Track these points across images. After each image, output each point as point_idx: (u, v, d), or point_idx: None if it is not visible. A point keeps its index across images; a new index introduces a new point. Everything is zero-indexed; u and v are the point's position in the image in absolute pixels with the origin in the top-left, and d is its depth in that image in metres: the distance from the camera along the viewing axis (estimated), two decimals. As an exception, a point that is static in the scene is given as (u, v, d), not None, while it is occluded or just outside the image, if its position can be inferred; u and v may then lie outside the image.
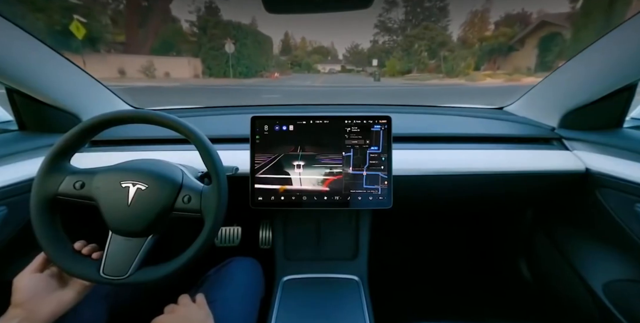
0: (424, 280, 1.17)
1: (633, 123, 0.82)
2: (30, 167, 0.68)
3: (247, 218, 1.03)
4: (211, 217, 0.49)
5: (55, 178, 0.49)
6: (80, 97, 0.83)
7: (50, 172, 0.49)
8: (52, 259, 0.47)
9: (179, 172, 0.54)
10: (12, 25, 0.61)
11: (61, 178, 0.49)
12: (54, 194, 0.48)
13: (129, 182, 0.49)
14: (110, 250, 0.49)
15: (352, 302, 0.76)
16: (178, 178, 0.52)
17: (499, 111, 1.04)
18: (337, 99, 9.70)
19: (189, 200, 0.50)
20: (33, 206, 0.47)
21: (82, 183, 0.49)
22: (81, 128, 0.49)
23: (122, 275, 0.48)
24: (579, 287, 0.77)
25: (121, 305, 0.65)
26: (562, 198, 0.86)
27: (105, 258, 0.48)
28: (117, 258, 0.49)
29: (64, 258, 0.47)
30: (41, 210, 0.47)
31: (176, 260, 0.49)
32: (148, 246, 0.50)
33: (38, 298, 0.45)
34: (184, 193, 0.50)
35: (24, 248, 0.52)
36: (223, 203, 0.50)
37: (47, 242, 0.47)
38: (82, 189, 0.49)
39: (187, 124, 0.50)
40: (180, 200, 0.50)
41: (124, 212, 0.48)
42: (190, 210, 0.50)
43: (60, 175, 0.49)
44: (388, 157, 0.67)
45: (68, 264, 0.47)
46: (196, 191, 0.51)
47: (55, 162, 0.49)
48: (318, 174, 0.68)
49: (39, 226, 0.47)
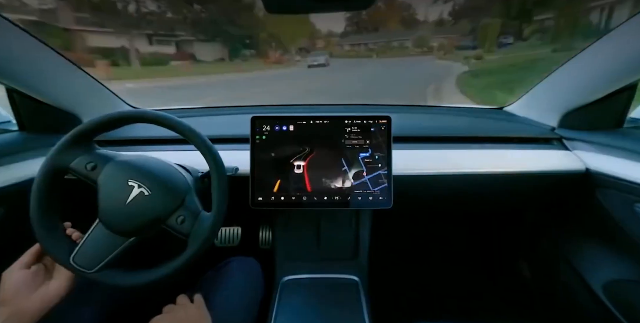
0: (424, 280, 1.17)
1: (633, 123, 0.82)
2: (31, 167, 0.68)
3: (247, 218, 1.03)
4: (195, 246, 0.49)
5: (73, 152, 0.49)
6: (80, 97, 0.83)
7: (70, 145, 0.49)
8: (36, 232, 0.47)
9: (186, 185, 0.53)
10: (12, 25, 0.61)
11: (78, 154, 0.49)
12: (65, 167, 0.48)
13: (136, 182, 0.49)
14: (89, 237, 0.49)
15: (352, 302, 0.76)
16: (182, 194, 0.51)
17: (499, 111, 1.03)
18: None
19: (182, 222, 0.49)
20: (40, 173, 0.47)
21: (94, 165, 0.49)
22: (109, 117, 0.50)
23: (88, 269, 0.47)
24: (579, 287, 0.77)
25: (119, 305, 0.65)
26: (562, 198, 0.86)
27: (81, 245, 0.48)
28: (92, 249, 0.48)
29: (46, 235, 0.47)
30: (46, 179, 0.47)
31: (146, 273, 0.49)
32: (125, 247, 0.49)
33: (24, 294, 0.44)
34: (181, 213, 0.50)
35: (23, 249, 0.52)
36: (214, 231, 0.50)
37: (37, 215, 0.47)
38: (92, 171, 0.49)
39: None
40: (174, 218, 0.49)
41: (119, 209, 0.48)
42: (178, 232, 0.50)
43: (79, 151, 0.49)
44: (388, 157, 0.67)
45: (48, 241, 0.47)
46: (193, 215, 0.50)
47: (79, 138, 0.49)
48: (318, 174, 0.68)
49: (36, 195, 0.47)
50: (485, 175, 0.76)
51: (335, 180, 0.67)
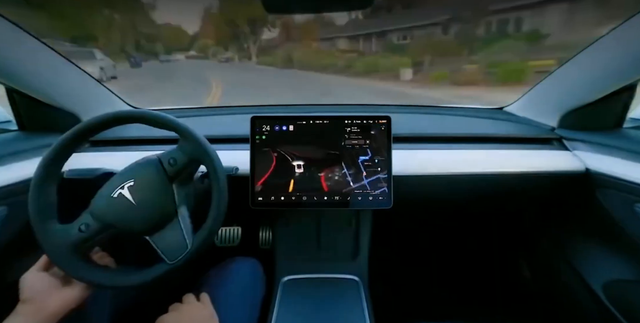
0: (424, 280, 1.17)
1: (633, 123, 0.82)
2: (30, 167, 0.68)
3: (247, 218, 1.03)
4: (210, 160, 0.49)
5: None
6: (80, 97, 0.83)
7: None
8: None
9: (153, 155, 0.53)
10: (12, 25, 0.61)
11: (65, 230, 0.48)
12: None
13: (117, 189, 0.48)
14: (160, 246, 0.48)
15: (352, 302, 0.76)
16: (153, 157, 0.51)
17: (499, 111, 1.04)
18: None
19: (175, 162, 0.49)
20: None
21: (86, 225, 0.47)
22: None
23: (185, 251, 0.47)
24: (579, 287, 0.77)
25: (126, 304, 0.65)
26: (562, 199, 0.86)
27: (163, 254, 0.48)
28: (171, 244, 0.48)
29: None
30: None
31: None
32: (184, 218, 0.49)
33: (45, 295, 0.45)
34: (165, 160, 0.50)
35: (24, 249, 0.52)
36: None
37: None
38: (90, 230, 0.48)
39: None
40: (168, 167, 0.49)
41: (134, 212, 0.48)
42: (184, 166, 0.50)
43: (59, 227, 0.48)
44: (388, 157, 0.67)
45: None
46: (173, 151, 0.51)
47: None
48: (318, 174, 0.68)
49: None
50: (485, 175, 0.76)
51: (335, 180, 0.67)
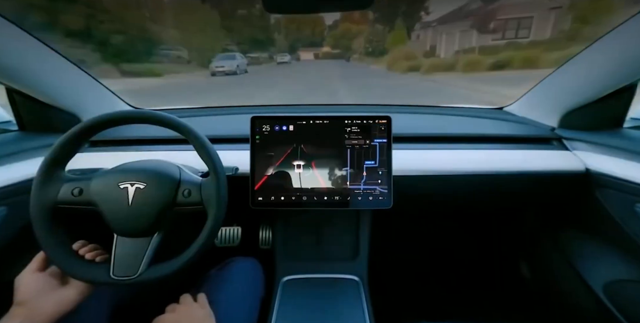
0: (424, 280, 1.17)
1: (633, 123, 0.82)
2: (30, 167, 0.68)
3: (247, 218, 1.03)
4: (213, 207, 0.49)
5: (53, 187, 0.48)
6: (80, 97, 0.83)
7: (47, 181, 0.48)
8: (61, 268, 0.47)
9: (175, 168, 0.54)
10: (12, 25, 0.61)
11: (58, 186, 0.48)
12: (53, 203, 0.48)
13: (127, 182, 0.49)
14: (117, 252, 0.49)
15: (352, 302, 0.76)
16: (175, 174, 0.52)
17: (499, 111, 1.04)
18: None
19: (189, 194, 0.50)
20: (34, 217, 0.47)
21: (80, 190, 0.49)
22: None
23: (133, 275, 0.47)
24: (579, 287, 0.77)
25: (123, 305, 0.65)
26: (562, 199, 0.86)
27: (113, 260, 0.48)
28: (126, 259, 0.48)
29: (73, 266, 0.47)
30: (43, 221, 0.47)
31: (186, 252, 0.49)
32: (155, 244, 0.50)
33: (40, 296, 0.45)
34: (184, 188, 0.51)
35: (24, 248, 0.52)
36: (223, 195, 0.50)
37: (54, 252, 0.47)
38: (81, 195, 0.48)
39: (185, 124, 0.50)
40: (180, 195, 0.50)
41: (126, 212, 0.48)
42: (192, 204, 0.50)
43: (57, 183, 0.49)
44: (388, 157, 0.67)
45: (78, 271, 0.47)
46: (195, 184, 0.51)
47: (51, 170, 0.48)
48: (318, 174, 0.68)
49: (44, 236, 0.46)
50: (486, 175, 0.76)
51: (335, 180, 0.67)
